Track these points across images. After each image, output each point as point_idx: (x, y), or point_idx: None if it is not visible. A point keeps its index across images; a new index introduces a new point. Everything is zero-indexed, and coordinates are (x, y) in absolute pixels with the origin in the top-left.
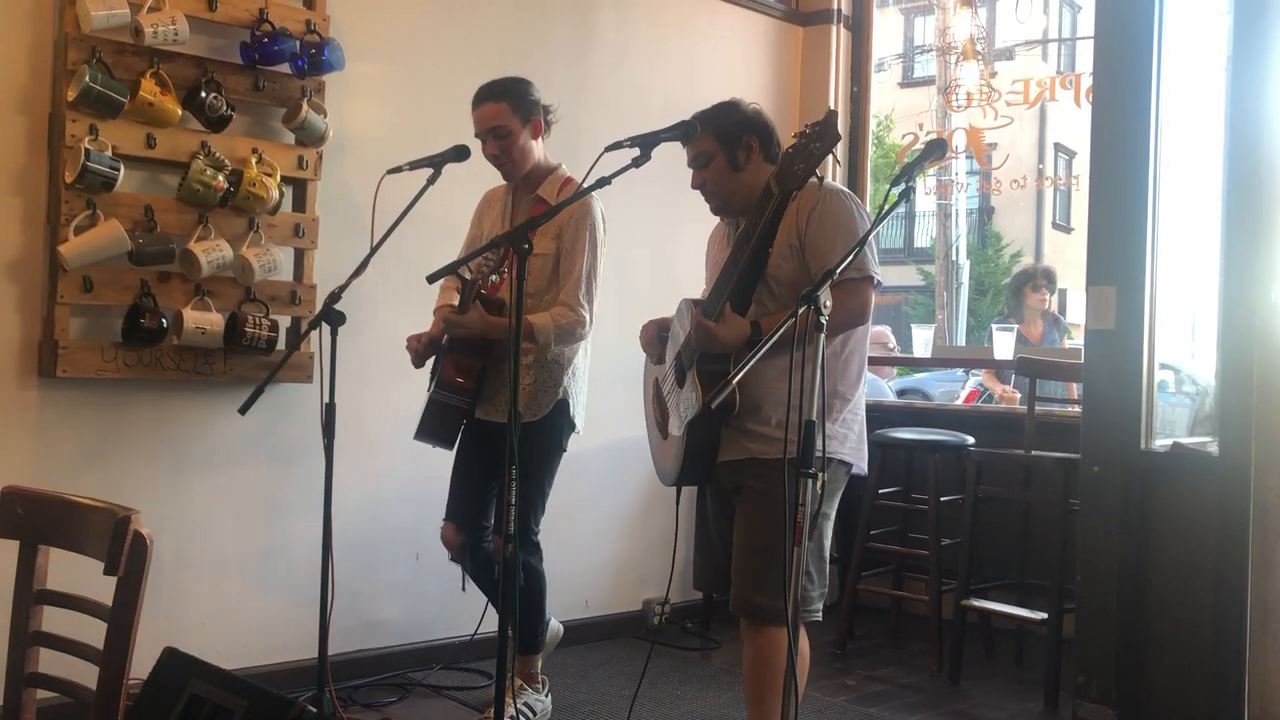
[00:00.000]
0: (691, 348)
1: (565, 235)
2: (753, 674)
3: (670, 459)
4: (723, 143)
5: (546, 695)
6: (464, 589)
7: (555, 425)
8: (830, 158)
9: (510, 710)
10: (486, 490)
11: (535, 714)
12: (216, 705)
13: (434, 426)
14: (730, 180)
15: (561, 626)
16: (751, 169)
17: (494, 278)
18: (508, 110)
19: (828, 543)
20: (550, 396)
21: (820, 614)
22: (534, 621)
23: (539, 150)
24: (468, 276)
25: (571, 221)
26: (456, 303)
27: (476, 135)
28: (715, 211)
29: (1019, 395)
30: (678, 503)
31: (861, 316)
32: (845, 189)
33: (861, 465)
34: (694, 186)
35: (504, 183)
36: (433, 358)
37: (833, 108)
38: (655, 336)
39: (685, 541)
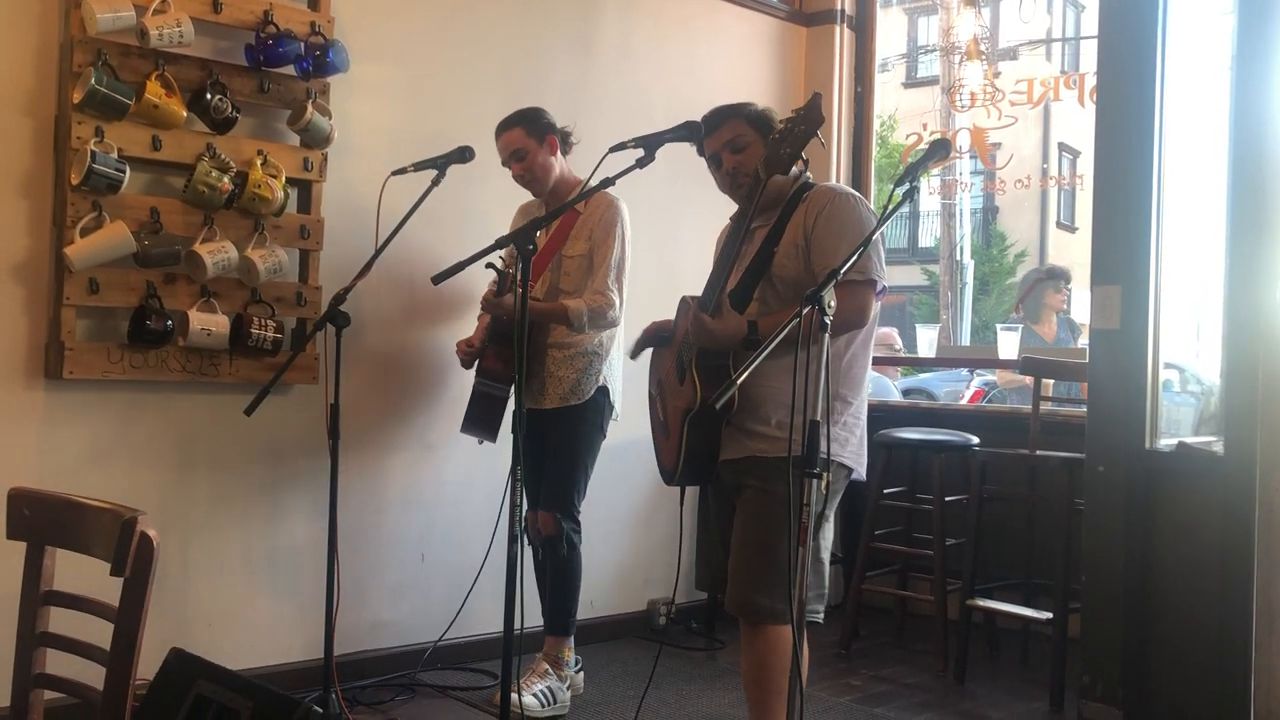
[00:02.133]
0: (690, 344)
1: (595, 234)
2: (752, 675)
3: (671, 458)
4: (756, 128)
5: (569, 689)
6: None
7: (598, 408)
8: (820, 143)
9: (521, 700)
10: (542, 473)
11: (555, 701)
12: (222, 706)
13: (478, 416)
14: None
15: (582, 681)
16: None
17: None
18: (522, 133)
19: (827, 544)
20: (592, 383)
21: (821, 616)
22: (570, 602)
23: (561, 165)
24: (500, 267)
25: (602, 222)
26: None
27: (503, 164)
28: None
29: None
30: (681, 503)
31: (859, 319)
32: (856, 193)
33: (861, 472)
34: (726, 171)
35: (531, 199)
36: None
37: (818, 92)
38: (653, 334)
39: (689, 542)
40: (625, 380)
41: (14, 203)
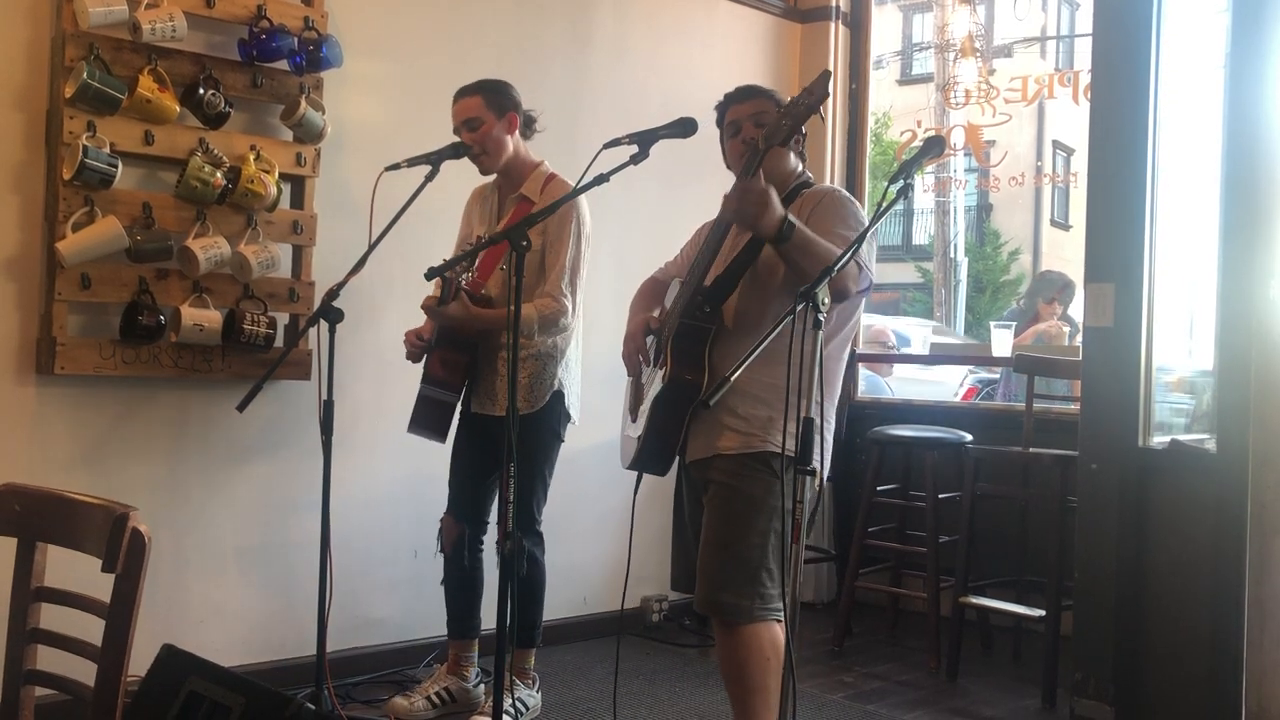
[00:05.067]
0: (671, 324)
1: (550, 229)
2: (730, 674)
3: (633, 442)
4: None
5: (537, 691)
6: (442, 583)
7: (552, 415)
8: (819, 118)
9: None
10: (486, 484)
11: (527, 709)
12: (214, 702)
13: (425, 419)
14: (784, 156)
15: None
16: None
17: (466, 275)
18: (481, 103)
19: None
20: (546, 388)
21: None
22: (532, 614)
23: (515, 145)
24: (448, 275)
25: (556, 215)
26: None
27: (454, 131)
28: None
29: (1067, 327)
30: (635, 492)
31: (821, 261)
32: (850, 195)
33: (825, 476)
34: (744, 140)
35: (488, 180)
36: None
37: (828, 69)
38: (637, 348)
39: (663, 540)
40: (602, 381)
41: (5, 197)
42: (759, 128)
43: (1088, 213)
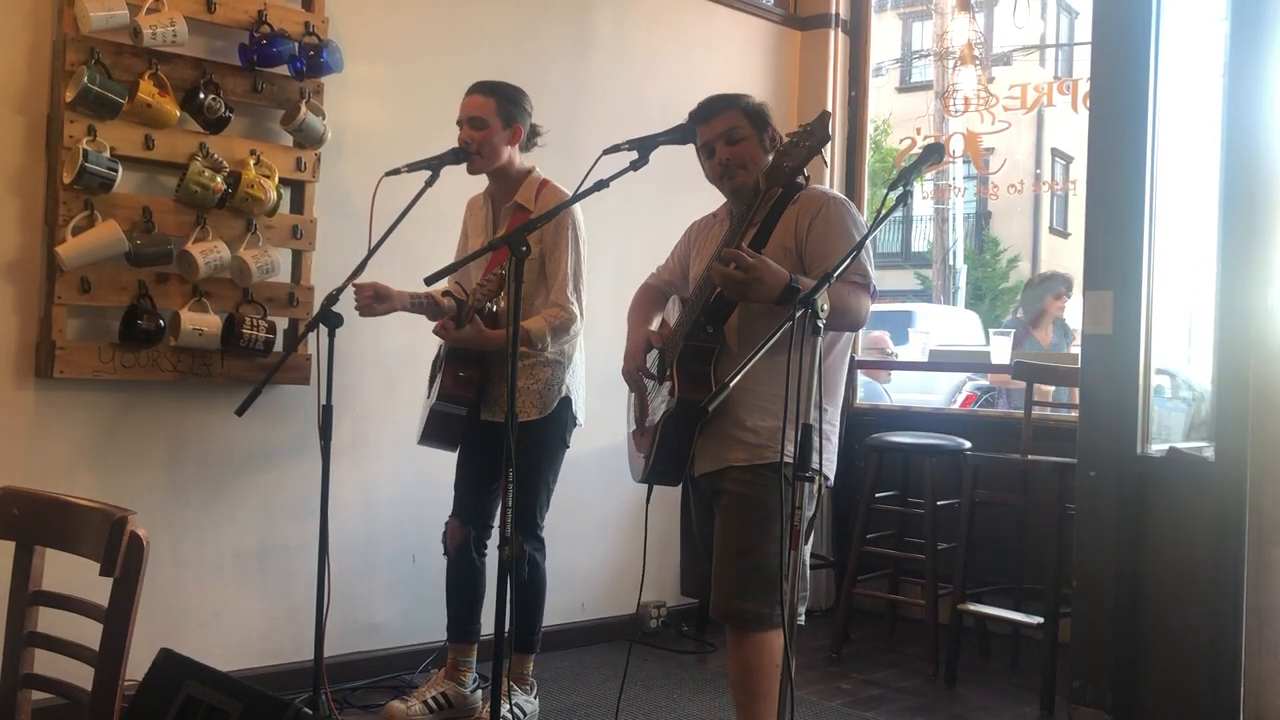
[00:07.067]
0: (675, 343)
1: (546, 236)
2: (739, 680)
3: (640, 456)
4: (753, 121)
5: (535, 698)
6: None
7: (560, 421)
8: (822, 161)
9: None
10: (492, 489)
11: (525, 715)
12: (212, 707)
13: (437, 432)
14: (761, 160)
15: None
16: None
17: (490, 304)
18: (492, 106)
19: (807, 548)
20: (555, 394)
21: (801, 618)
22: (532, 619)
23: (511, 156)
24: (461, 296)
25: (552, 224)
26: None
27: (457, 122)
28: (733, 190)
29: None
30: (647, 502)
31: (859, 319)
32: (848, 199)
33: (829, 480)
34: (719, 161)
35: (481, 191)
36: (431, 370)
37: (828, 109)
38: (638, 366)
39: (663, 546)
40: (603, 387)
41: (6, 201)
42: (731, 144)
43: (1087, 220)
